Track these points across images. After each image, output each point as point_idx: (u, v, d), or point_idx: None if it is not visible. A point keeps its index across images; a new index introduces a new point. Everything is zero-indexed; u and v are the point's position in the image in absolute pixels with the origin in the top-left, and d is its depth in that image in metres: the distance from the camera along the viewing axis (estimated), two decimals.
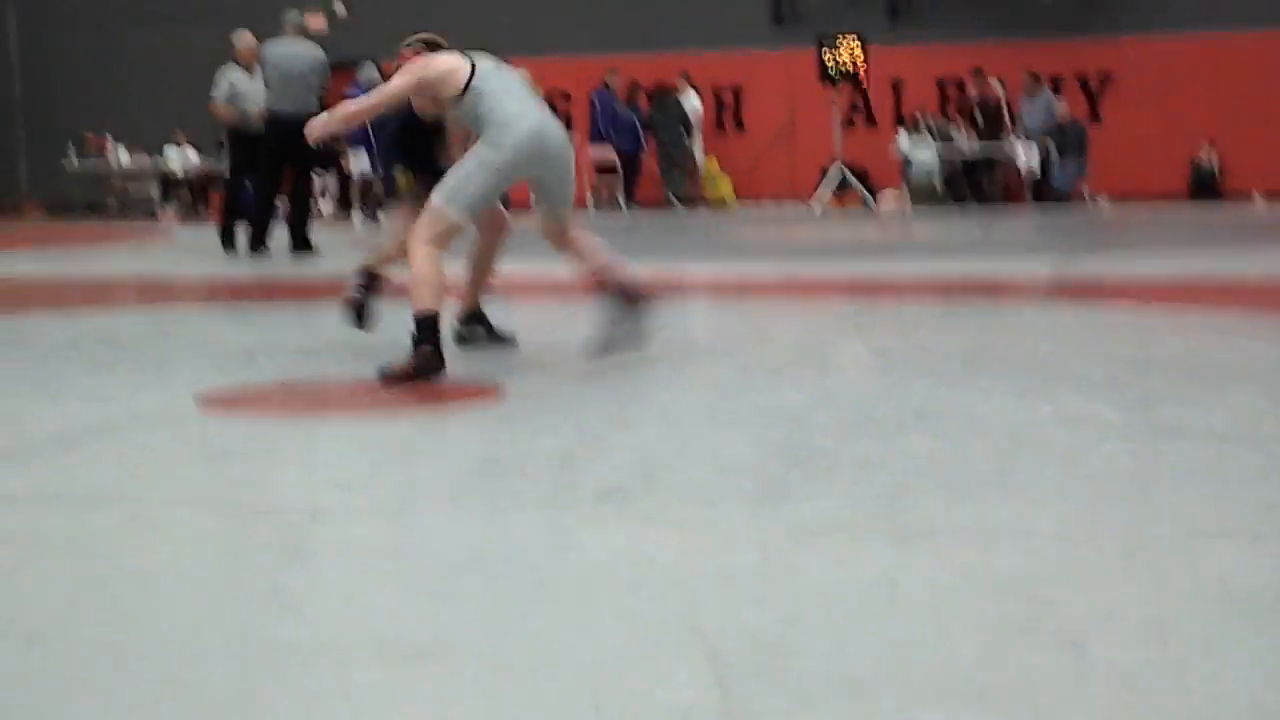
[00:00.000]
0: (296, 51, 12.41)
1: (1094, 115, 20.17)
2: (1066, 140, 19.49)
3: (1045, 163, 19.45)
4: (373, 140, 17.35)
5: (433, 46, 5.96)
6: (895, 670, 2.41)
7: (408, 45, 6.05)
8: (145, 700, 2.34)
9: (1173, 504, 3.49)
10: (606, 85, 20.66)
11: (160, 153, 21.67)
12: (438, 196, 5.53)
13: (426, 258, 5.44)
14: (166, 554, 3.21)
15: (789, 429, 4.49)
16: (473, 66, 5.64)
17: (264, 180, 12.67)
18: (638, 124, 20.54)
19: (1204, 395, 4.95)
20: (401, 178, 6.38)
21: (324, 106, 12.77)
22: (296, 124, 12.34)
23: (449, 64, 5.65)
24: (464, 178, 5.53)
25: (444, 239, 5.51)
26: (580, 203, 21.04)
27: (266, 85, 12.44)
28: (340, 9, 21.07)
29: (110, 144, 21.96)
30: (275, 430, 4.69)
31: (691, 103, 20.57)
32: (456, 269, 6.09)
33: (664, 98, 20.47)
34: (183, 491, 3.87)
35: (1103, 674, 2.38)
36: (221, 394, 5.21)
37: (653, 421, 4.69)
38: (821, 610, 2.72)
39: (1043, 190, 19.55)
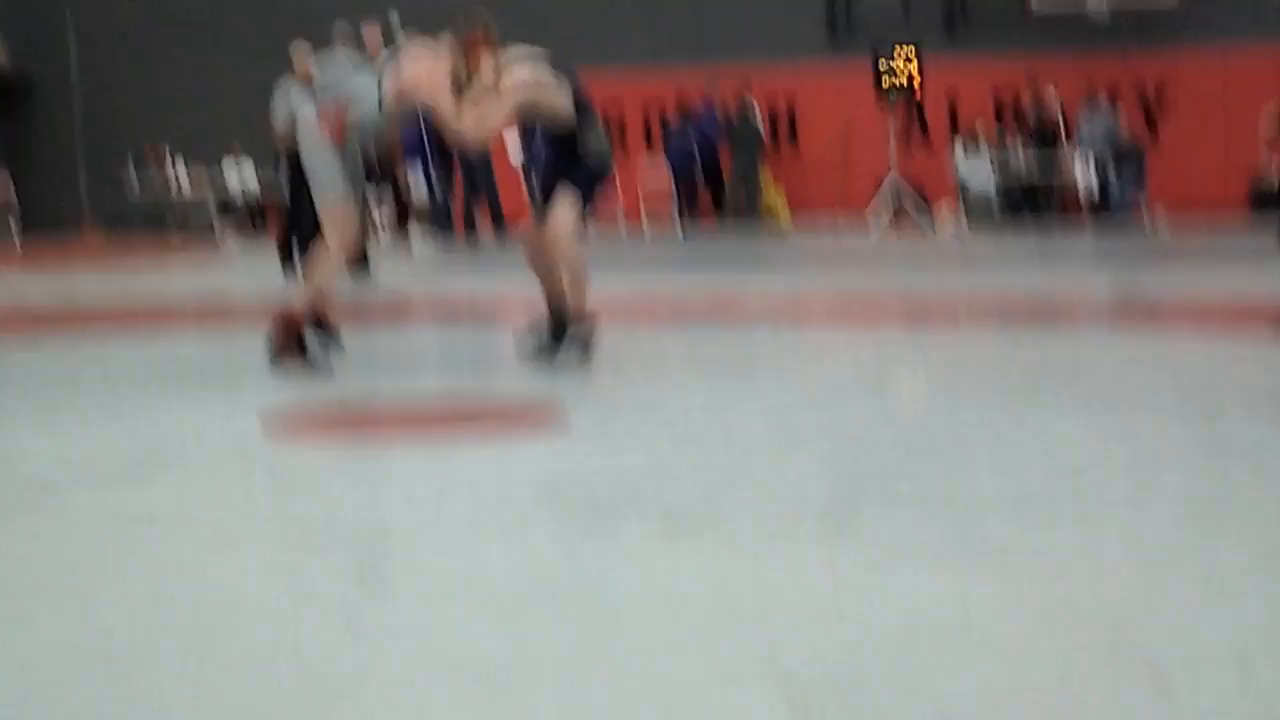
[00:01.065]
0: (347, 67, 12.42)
1: (1151, 128, 20.04)
2: (1124, 155, 19.36)
3: (1104, 178, 19.32)
4: (429, 160, 17.40)
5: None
6: (974, 699, 2.39)
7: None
8: None
9: (1250, 526, 3.45)
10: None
11: (218, 165, 21.78)
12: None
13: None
14: (236, 577, 3.22)
15: (857, 457, 4.46)
16: None
17: (291, 210, 12.57)
18: (694, 139, 20.38)
19: (1276, 415, 4.90)
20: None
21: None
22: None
23: None
24: None
25: None
26: (634, 219, 21.12)
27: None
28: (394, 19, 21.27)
29: (167, 155, 22.12)
30: (341, 453, 4.71)
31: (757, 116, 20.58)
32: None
33: (744, 112, 20.33)
34: (252, 514, 3.89)
35: (1185, 707, 2.35)
36: (288, 416, 5.24)
37: (722, 448, 4.67)
38: (896, 638, 2.70)
39: (1100, 207, 19.42)
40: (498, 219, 17.53)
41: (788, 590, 3.03)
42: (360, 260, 12.47)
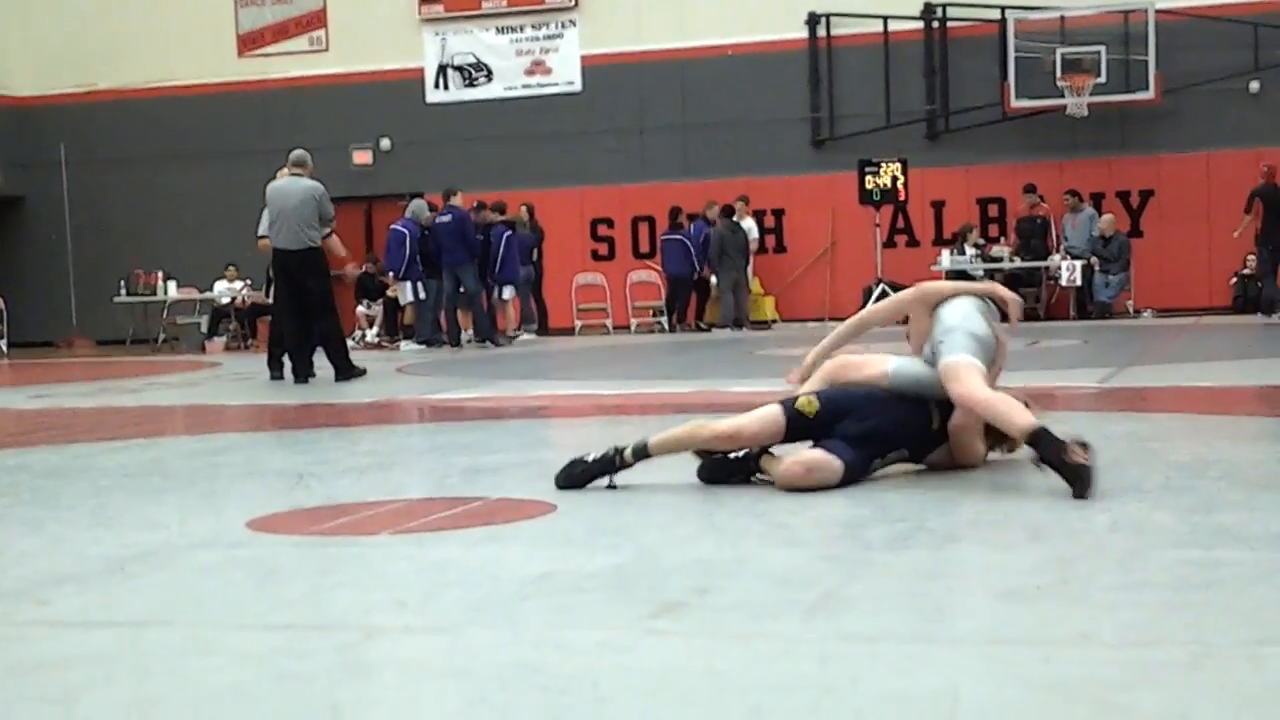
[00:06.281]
0: (288, 188, 12.47)
1: (1135, 230, 20.20)
2: (1110, 254, 19.51)
3: (1089, 277, 19.47)
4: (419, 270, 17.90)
5: None
6: None
7: None
8: None
9: (1237, 611, 3.43)
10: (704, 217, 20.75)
11: (210, 288, 21.91)
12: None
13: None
14: (223, 675, 3.20)
15: (844, 542, 4.46)
16: None
17: (277, 313, 12.88)
18: (690, 247, 20.59)
19: (1263, 500, 4.90)
20: None
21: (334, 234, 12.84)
22: (292, 258, 12.31)
23: None
24: None
25: None
26: (623, 324, 21.23)
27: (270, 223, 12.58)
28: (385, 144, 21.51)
29: (160, 280, 22.24)
30: (327, 550, 4.68)
31: (749, 226, 20.80)
32: None
33: (733, 221, 20.51)
34: (237, 612, 3.86)
35: None
36: (271, 517, 5.22)
37: (709, 538, 4.66)
38: (885, 716, 2.68)
39: (1085, 305, 19.54)
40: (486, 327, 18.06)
41: (774, 672, 3.01)
42: (344, 367, 12.55)
